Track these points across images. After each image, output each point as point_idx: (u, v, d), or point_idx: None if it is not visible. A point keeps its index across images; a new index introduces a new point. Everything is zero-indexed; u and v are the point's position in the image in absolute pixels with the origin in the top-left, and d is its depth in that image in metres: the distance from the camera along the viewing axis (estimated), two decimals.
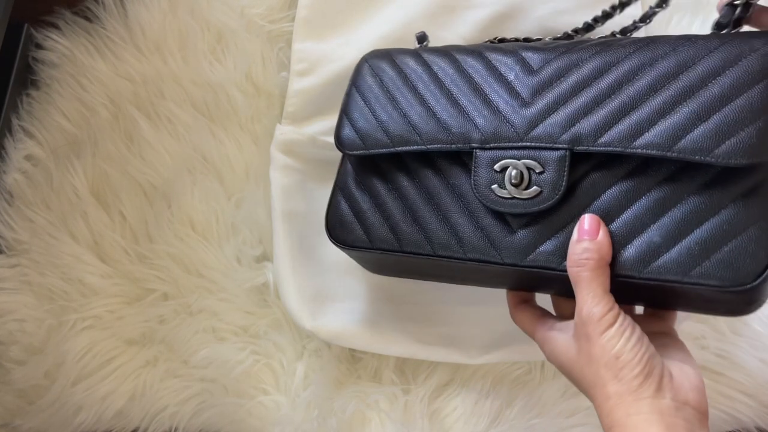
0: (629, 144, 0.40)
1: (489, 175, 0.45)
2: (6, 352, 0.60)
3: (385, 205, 0.49)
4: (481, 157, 0.45)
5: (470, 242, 0.46)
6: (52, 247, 0.61)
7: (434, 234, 0.47)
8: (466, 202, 0.47)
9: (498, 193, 0.44)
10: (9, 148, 0.64)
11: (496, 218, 0.45)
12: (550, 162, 0.43)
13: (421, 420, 0.58)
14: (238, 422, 0.60)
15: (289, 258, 0.58)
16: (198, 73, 0.64)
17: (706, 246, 0.38)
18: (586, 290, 0.39)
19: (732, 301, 0.39)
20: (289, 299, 0.58)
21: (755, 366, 0.60)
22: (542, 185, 0.43)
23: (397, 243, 0.48)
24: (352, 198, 0.50)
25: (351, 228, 0.50)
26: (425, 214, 0.48)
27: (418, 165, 0.48)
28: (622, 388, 0.37)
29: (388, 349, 0.58)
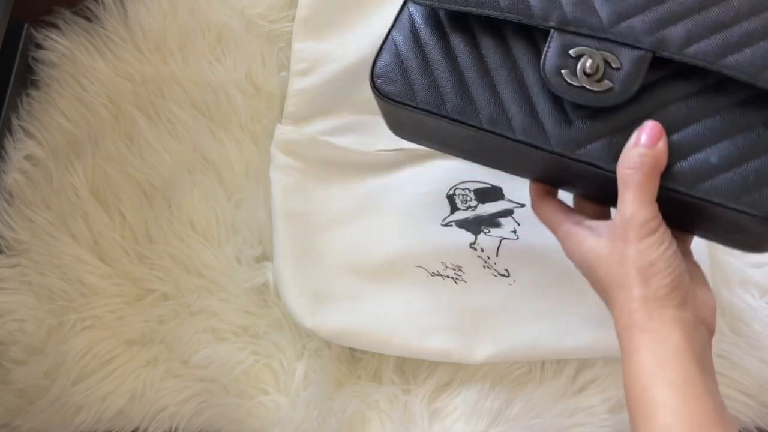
0: (717, 60, 0.40)
1: (561, 59, 0.43)
2: (6, 352, 0.60)
3: (439, 65, 0.46)
4: (558, 38, 0.43)
5: (522, 122, 0.44)
6: (52, 247, 0.61)
7: (485, 106, 0.45)
8: (526, 82, 0.44)
9: (567, 79, 0.43)
10: (9, 148, 0.64)
11: (555, 104, 0.43)
12: (628, 60, 0.42)
13: (421, 420, 0.58)
14: (238, 422, 0.60)
15: (289, 257, 0.58)
16: (198, 73, 0.64)
17: (762, 177, 0.38)
18: (634, 193, 0.38)
19: (763, 234, 0.40)
20: (289, 298, 0.58)
21: (755, 366, 0.60)
22: (615, 81, 0.42)
23: (444, 107, 0.45)
24: (405, 50, 0.47)
25: (396, 80, 0.47)
26: (479, 84, 0.45)
27: (485, 33, 0.46)
28: (649, 293, 0.37)
29: (388, 349, 0.58)
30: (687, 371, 0.35)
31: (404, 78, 0.47)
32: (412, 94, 0.46)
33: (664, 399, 0.35)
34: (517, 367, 0.59)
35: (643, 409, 0.35)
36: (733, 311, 0.62)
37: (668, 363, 0.36)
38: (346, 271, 0.59)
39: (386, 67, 0.47)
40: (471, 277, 0.59)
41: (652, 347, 0.37)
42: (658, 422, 0.34)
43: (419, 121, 0.47)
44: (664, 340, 0.37)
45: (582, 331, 0.58)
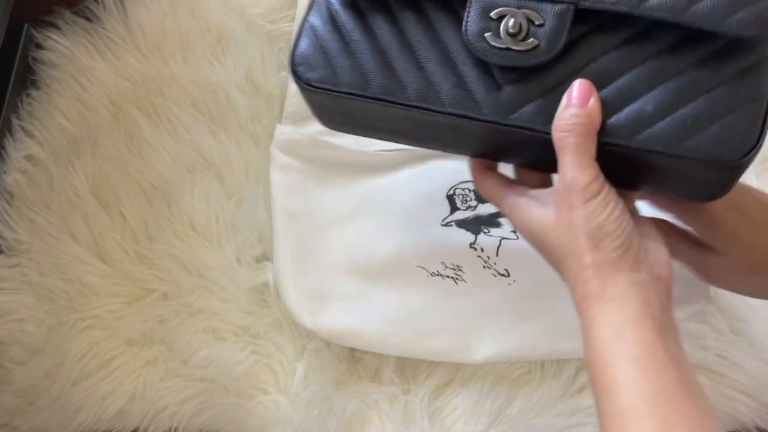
0: (639, 4, 0.39)
1: (483, 23, 0.42)
2: (6, 352, 0.60)
3: (359, 46, 0.44)
4: (477, 2, 0.42)
5: (450, 94, 0.42)
6: (52, 247, 0.61)
7: (411, 82, 0.43)
8: (450, 53, 0.43)
9: (492, 41, 0.41)
10: (9, 148, 0.64)
11: (483, 72, 0.42)
12: (551, 15, 0.41)
13: (421, 420, 0.58)
14: (238, 422, 0.60)
15: (289, 257, 0.58)
16: (198, 73, 0.64)
17: (699, 119, 0.37)
18: (572, 156, 0.37)
19: (710, 179, 0.39)
20: (289, 297, 0.58)
21: (755, 366, 0.60)
22: (540, 38, 0.41)
23: (368, 87, 0.44)
24: (323, 35, 0.45)
25: (317, 66, 0.45)
26: (403, 61, 0.43)
27: (403, 8, 0.44)
28: (601, 258, 0.36)
29: (388, 349, 0.58)
30: (647, 342, 0.34)
31: (326, 62, 0.45)
32: (335, 78, 0.44)
33: (625, 376, 0.34)
34: (517, 367, 0.59)
35: (605, 388, 0.34)
36: (734, 311, 0.61)
37: (627, 334, 0.35)
38: (346, 270, 0.59)
39: (306, 54, 0.45)
40: (471, 277, 0.59)
41: (610, 318, 0.35)
42: (621, 401, 0.33)
43: (347, 106, 0.46)
44: (621, 308, 0.35)
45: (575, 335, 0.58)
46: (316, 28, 0.45)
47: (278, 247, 0.59)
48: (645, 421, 0.32)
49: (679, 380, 0.33)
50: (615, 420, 0.33)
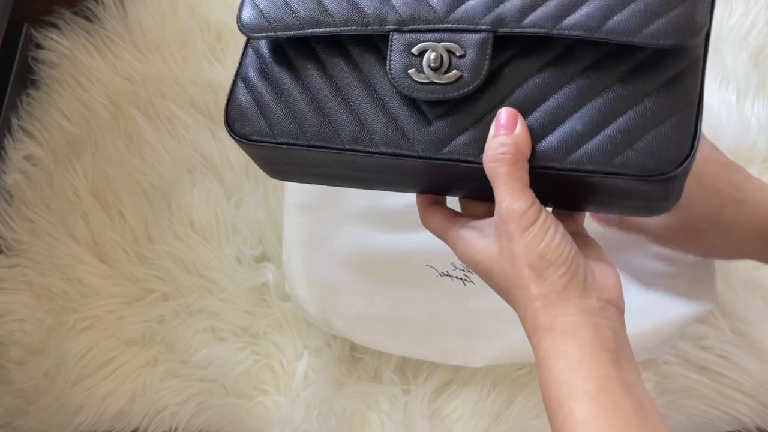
0: (555, 25, 0.39)
1: (406, 60, 0.42)
2: (6, 353, 0.60)
3: (291, 95, 0.45)
4: (398, 40, 0.42)
5: (383, 134, 0.43)
6: (51, 248, 0.61)
7: (344, 126, 0.43)
8: (379, 93, 0.43)
9: (415, 77, 0.42)
10: (9, 149, 0.64)
11: (412, 109, 0.42)
12: (471, 45, 0.41)
13: (421, 420, 0.58)
14: (238, 422, 0.60)
15: (300, 249, 0.57)
16: (198, 73, 0.64)
17: (628, 134, 0.37)
18: (504, 186, 0.37)
19: (650, 193, 0.39)
20: (299, 289, 0.57)
21: (755, 366, 0.60)
22: (463, 69, 0.41)
23: (303, 136, 0.44)
24: (255, 88, 0.45)
25: (252, 120, 0.45)
26: (334, 105, 0.44)
27: (328, 53, 0.44)
28: (547, 288, 0.36)
29: (395, 348, 0.58)
30: (602, 375, 0.34)
31: (259, 115, 0.45)
32: (270, 130, 0.45)
33: (583, 414, 0.33)
34: (518, 368, 0.59)
35: (563, 425, 0.34)
36: (734, 312, 0.61)
37: (582, 369, 0.34)
38: (357, 266, 0.58)
39: (239, 109, 0.45)
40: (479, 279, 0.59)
41: (563, 351, 0.35)
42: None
43: (286, 156, 0.46)
44: (574, 340, 0.35)
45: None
46: (248, 81, 0.46)
47: (289, 240, 0.58)
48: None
49: (636, 412, 0.32)
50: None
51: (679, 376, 0.62)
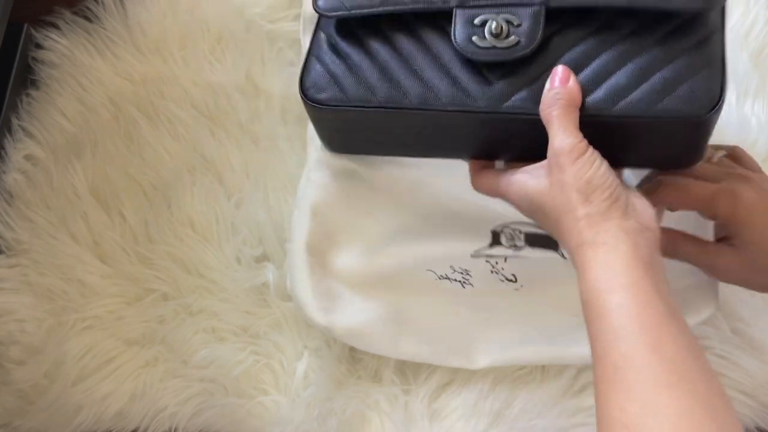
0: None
1: (469, 30, 0.48)
2: (6, 353, 0.60)
3: (361, 67, 0.50)
4: (461, 14, 0.48)
5: (448, 94, 0.48)
6: (51, 248, 0.61)
7: (412, 88, 0.49)
8: (442, 60, 0.49)
9: (478, 43, 0.47)
10: (9, 148, 0.64)
11: (474, 72, 0.48)
12: (526, 16, 0.47)
13: (421, 420, 0.58)
14: (238, 422, 0.60)
15: (307, 252, 0.57)
16: (198, 73, 0.64)
17: (667, 85, 0.43)
18: (557, 125, 0.42)
19: (686, 139, 0.45)
20: (301, 292, 0.57)
21: (756, 366, 0.60)
22: (520, 35, 0.47)
23: (375, 99, 0.49)
24: (327, 63, 0.51)
25: (326, 88, 0.50)
26: (401, 72, 0.49)
27: (393, 29, 0.50)
28: (592, 210, 0.40)
29: (396, 353, 0.58)
30: (637, 276, 0.37)
31: (333, 84, 0.50)
32: (343, 95, 0.50)
33: (618, 302, 0.37)
34: (518, 368, 0.59)
35: (598, 314, 0.37)
36: (734, 312, 0.61)
37: (618, 270, 0.38)
38: (362, 270, 0.58)
39: (313, 79, 0.51)
40: (478, 281, 0.59)
41: (604, 259, 0.39)
42: (612, 324, 0.36)
43: (355, 121, 0.51)
44: (613, 251, 0.39)
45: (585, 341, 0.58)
46: (320, 58, 0.51)
47: (296, 241, 0.57)
48: (635, 337, 0.35)
49: (666, 310, 0.36)
50: (606, 338, 0.36)
51: None
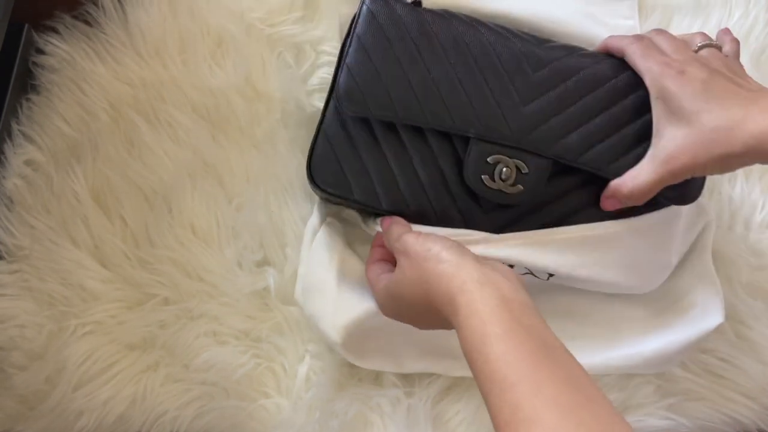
0: (605, 166, 0.51)
1: (480, 165, 0.51)
2: (7, 358, 0.60)
3: (371, 162, 0.52)
4: (476, 147, 0.51)
5: (445, 215, 0.52)
6: (52, 253, 0.61)
7: (414, 200, 0.52)
8: (447, 179, 0.52)
9: (487, 184, 0.51)
10: (9, 153, 0.63)
11: (472, 199, 0.52)
12: (536, 166, 0.51)
13: (424, 423, 0.58)
14: (239, 425, 0.60)
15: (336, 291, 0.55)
16: (198, 78, 0.63)
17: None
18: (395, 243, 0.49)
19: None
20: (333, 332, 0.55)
21: (757, 369, 0.60)
22: (525, 185, 0.51)
23: (377, 201, 0.52)
24: (338, 146, 0.52)
25: (335, 176, 0.52)
26: (408, 182, 0.52)
27: (410, 133, 0.52)
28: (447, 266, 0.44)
29: (399, 368, 0.59)
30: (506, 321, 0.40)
31: (341, 174, 0.52)
32: (349, 189, 0.52)
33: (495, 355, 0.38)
34: None
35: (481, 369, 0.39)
36: (736, 314, 0.61)
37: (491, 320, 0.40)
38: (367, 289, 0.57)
39: (322, 163, 0.53)
40: None
41: (475, 308, 0.41)
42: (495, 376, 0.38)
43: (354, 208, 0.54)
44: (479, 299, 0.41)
45: (595, 351, 0.58)
46: (331, 141, 0.53)
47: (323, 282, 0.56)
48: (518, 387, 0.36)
49: (539, 347, 0.38)
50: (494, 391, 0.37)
51: (681, 379, 0.62)
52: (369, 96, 0.50)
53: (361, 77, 0.50)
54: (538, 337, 0.39)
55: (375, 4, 0.51)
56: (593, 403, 0.35)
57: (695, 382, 0.61)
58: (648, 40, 0.51)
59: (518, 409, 0.35)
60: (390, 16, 0.51)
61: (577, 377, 0.37)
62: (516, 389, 0.36)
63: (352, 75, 0.50)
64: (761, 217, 0.64)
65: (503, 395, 0.36)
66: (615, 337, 0.58)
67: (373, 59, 0.50)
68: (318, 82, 0.63)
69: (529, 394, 0.35)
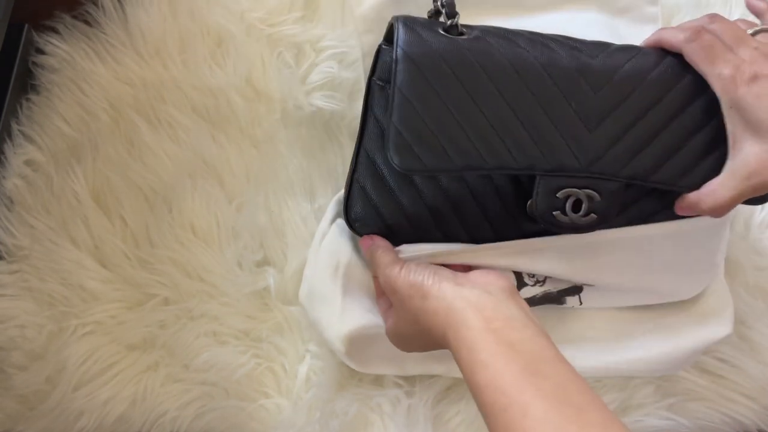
0: (677, 180, 0.49)
1: (550, 201, 0.47)
2: (7, 358, 0.60)
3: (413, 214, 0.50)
4: (544, 183, 0.47)
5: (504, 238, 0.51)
6: (52, 253, 0.61)
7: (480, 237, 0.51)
8: (509, 211, 0.50)
9: (560, 218, 0.48)
10: (9, 153, 0.63)
11: (532, 221, 0.49)
12: (607, 192, 0.48)
13: (424, 423, 0.58)
14: (240, 426, 0.60)
15: (341, 299, 0.55)
16: (198, 78, 0.63)
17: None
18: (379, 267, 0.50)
19: None
20: (337, 341, 0.55)
21: (757, 369, 0.60)
22: (597, 212, 0.48)
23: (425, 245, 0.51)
24: (375, 198, 0.50)
25: (374, 225, 0.51)
26: (472, 219, 0.50)
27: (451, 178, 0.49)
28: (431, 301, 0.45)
29: (401, 371, 0.59)
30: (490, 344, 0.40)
31: (383, 224, 0.50)
32: (392, 238, 0.51)
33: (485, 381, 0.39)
34: None
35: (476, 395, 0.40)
36: (737, 314, 0.61)
37: (475, 347, 0.40)
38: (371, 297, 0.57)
39: (361, 214, 0.51)
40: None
41: (462, 335, 0.41)
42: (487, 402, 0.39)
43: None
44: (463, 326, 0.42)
45: (600, 354, 0.58)
46: (366, 190, 0.50)
47: (329, 290, 0.55)
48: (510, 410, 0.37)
49: (526, 366, 0.38)
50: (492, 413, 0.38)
51: (681, 379, 0.62)
52: (424, 155, 0.46)
53: (409, 132, 0.45)
54: (524, 351, 0.39)
55: (410, 45, 0.45)
56: (583, 413, 0.36)
57: (695, 382, 0.61)
58: (708, 36, 0.47)
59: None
60: (428, 56, 0.45)
61: (564, 390, 0.37)
62: (506, 415, 0.37)
63: (399, 132, 0.45)
64: (761, 217, 0.64)
65: (497, 420, 0.37)
66: (620, 341, 0.58)
67: (419, 111, 0.45)
68: (318, 80, 0.63)
69: (519, 417, 0.36)
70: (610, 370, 0.58)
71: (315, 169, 0.64)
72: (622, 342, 0.58)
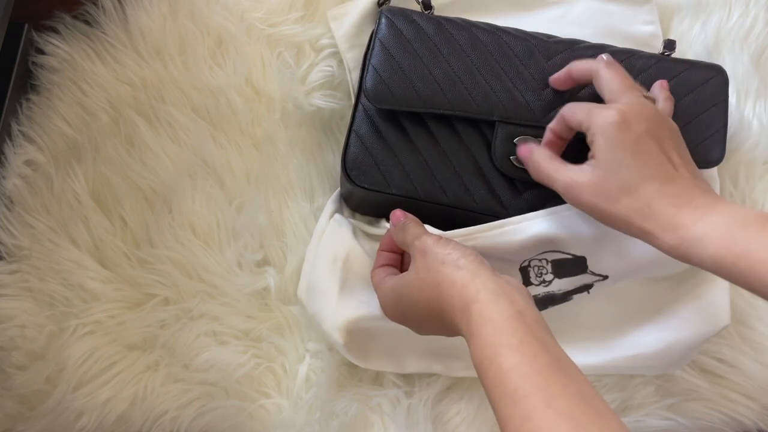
0: None
1: (507, 147, 0.54)
2: (7, 358, 0.60)
3: (404, 155, 0.54)
4: (502, 130, 0.54)
5: (482, 199, 0.54)
6: (52, 253, 0.61)
7: (450, 188, 0.54)
8: (479, 165, 0.54)
9: (516, 163, 0.54)
10: (9, 154, 0.63)
11: (506, 181, 0.54)
12: None
13: (424, 423, 0.58)
14: (240, 426, 0.60)
15: (338, 293, 0.55)
16: (198, 78, 0.63)
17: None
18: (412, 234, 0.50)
19: None
20: (335, 333, 0.55)
21: (756, 369, 0.60)
22: None
23: (415, 191, 0.54)
24: (370, 144, 0.54)
25: (370, 172, 0.54)
26: (442, 170, 0.54)
27: (438, 124, 0.54)
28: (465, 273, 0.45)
29: (402, 368, 0.59)
30: (521, 333, 0.40)
31: (377, 171, 0.54)
32: (386, 183, 0.54)
33: (508, 365, 0.38)
34: None
35: (494, 379, 0.39)
36: (737, 314, 0.61)
37: (504, 330, 0.40)
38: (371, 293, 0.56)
39: (357, 161, 0.54)
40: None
41: (489, 317, 0.41)
42: (508, 388, 0.38)
43: (390, 201, 0.55)
44: (494, 307, 0.41)
45: (597, 350, 0.58)
46: (362, 137, 0.55)
47: (327, 282, 0.56)
48: (530, 398, 0.36)
49: (552, 361, 0.38)
50: (506, 402, 0.38)
51: (681, 380, 0.62)
52: (395, 90, 0.53)
53: (386, 74, 0.53)
54: (551, 351, 0.39)
55: (393, 14, 0.55)
56: (604, 420, 0.35)
57: (695, 383, 0.61)
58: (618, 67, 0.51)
59: (529, 420, 0.35)
60: (408, 21, 0.55)
61: (588, 394, 0.37)
62: (528, 400, 0.36)
63: (377, 72, 0.53)
64: None
65: (515, 406, 0.36)
66: (618, 337, 0.58)
67: (396, 57, 0.54)
68: (317, 80, 0.63)
69: (542, 405, 0.35)
70: (607, 368, 0.58)
71: (314, 169, 0.64)
72: (616, 338, 0.58)
